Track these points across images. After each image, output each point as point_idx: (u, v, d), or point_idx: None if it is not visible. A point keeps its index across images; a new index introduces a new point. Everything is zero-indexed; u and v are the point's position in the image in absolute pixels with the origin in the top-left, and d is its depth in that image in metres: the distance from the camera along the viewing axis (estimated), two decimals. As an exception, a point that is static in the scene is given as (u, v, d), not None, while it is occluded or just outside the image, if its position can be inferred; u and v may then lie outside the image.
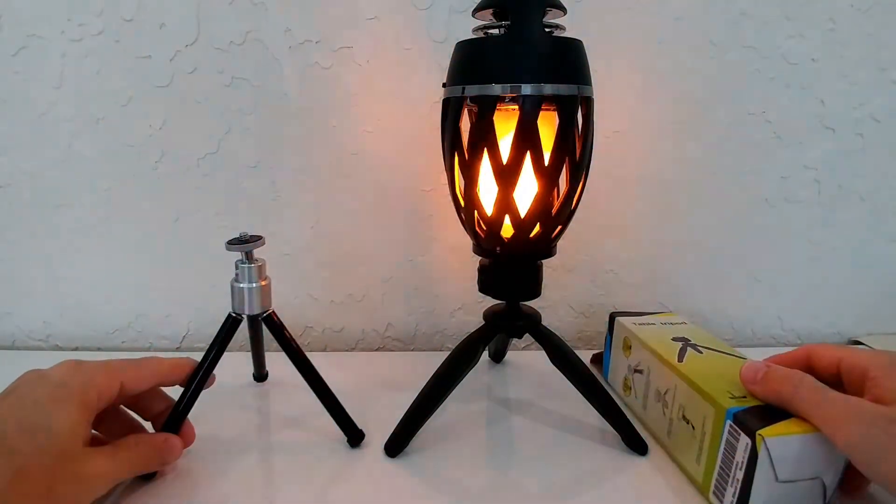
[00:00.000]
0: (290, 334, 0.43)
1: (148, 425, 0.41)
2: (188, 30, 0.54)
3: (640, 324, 0.50)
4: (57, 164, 0.57)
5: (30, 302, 0.61)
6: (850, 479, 0.36)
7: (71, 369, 0.36)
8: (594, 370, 0.55)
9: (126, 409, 0.40)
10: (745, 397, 0.37)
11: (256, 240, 0.41)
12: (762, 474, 0.33)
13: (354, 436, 0.43)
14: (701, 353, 0.44)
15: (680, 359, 0.43)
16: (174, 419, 0.40)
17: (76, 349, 0.62)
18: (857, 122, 0.59)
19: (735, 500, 0.35)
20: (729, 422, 0.36)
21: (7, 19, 0.53)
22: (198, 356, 0.41)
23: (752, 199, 0.61)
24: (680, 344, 0.45)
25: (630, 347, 0.49)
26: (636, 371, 0.48)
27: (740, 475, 0.34)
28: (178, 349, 0.63)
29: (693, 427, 0.39)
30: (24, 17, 0.53)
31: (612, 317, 0.53)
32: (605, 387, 0.45)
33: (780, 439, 0.33)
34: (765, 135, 0.59)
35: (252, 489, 0.39)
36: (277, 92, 0.56)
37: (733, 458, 0.35)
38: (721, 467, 0.36)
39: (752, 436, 0.34)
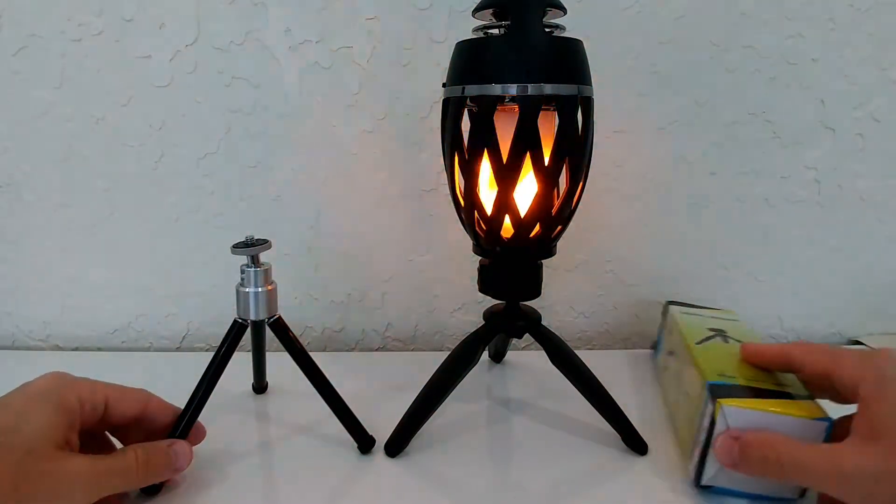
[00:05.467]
0: (299, 342, 0.42)
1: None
2: (188, 30, 0.54)
3: (686, 313, 0.53)
4: (57, 164, 0.57)
5: (30, 302, 0.61)
6: None
7: (52, 376, 0.35)
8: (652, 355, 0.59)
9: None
10: (734, 377, 0.39)
11: (262, 243, 0.40)
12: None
13: (365, 442, 0.42)
14: (727, 342, 0.46)
15: (699, 342, 0.46)
16: (178, 429, 0.38)
17: (76, 349, 0.62)
18: (857, 122, 0.59)
19: (697, 461, 0.38)
20: (706, 392, 0.38)
21: (7, 19, 0.53)
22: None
23: (752, 199, 0.61)
24: (712, 333, 0.47)
25: (671, 332, 0.52)
26: (669, 353, 0.51)
27: (702, 438, 0.37)
28: (178, 349, 0.63)
29: (690, 400, 0.42)
30: (24, 17, 0.53)
31: (667, 305, 0.55)
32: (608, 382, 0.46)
33: (737, 409, 0.36)
34: (765, 135, 0.59)
35: (255, 497, 0.39)
36: (277, 92, 0.56)
37: (703, 423, 0.38)
38: (696, 433, 0.39)
39: (714, 403, 0.37)
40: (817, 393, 0.37)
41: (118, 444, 0.39)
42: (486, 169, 0.39)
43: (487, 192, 0.40)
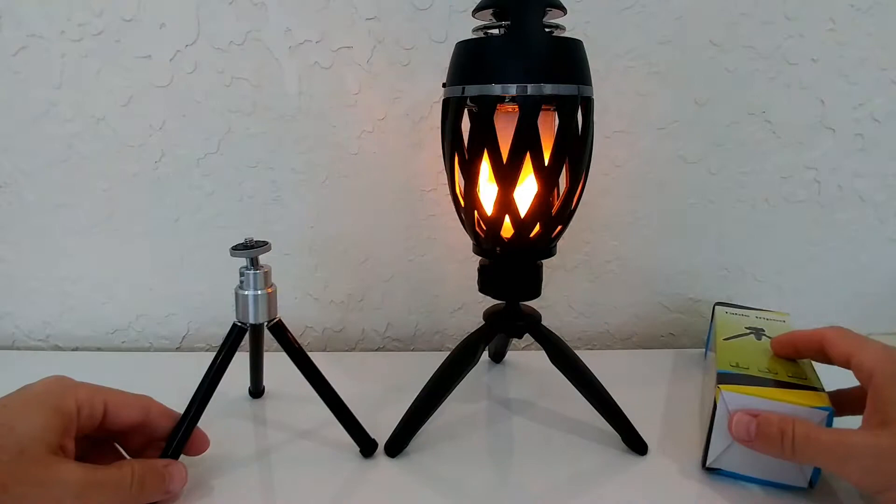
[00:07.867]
0: (299, 345, 0.41)
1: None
2: (188, 30, 0.54)
3: (729, 312, 0.54)
4: (57, 164, 0.57)
5: (30, 302, 0.61)
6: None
7: (53, 380, 0.35)
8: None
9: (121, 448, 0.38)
10: (747, 368, 0.41)
11: (262, 245, 0.40)
12: (720, 420, 0.39)
13: (367, 446, 0.42)
14: (759, 339, 0.47)
15: (728, 338, 0.47)
16: (175, 440, 0.38)
17: (76, 349, 0.62)
18: (857, 122, 0.59)
19: (704, 442, 0.40)
20: (716, 380, 0.40)
21: (7, 19, 0.53)
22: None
23: (752, 199, 0.61)
24: (747, 331, 0.48)
25: (713, 331, 0.53)
26: (711, 352, 0.52)
27: (707, 421, 0.40)
28: (178, 349, 0.63)
29: (710, 393, 0.43)
30: (24, 17, 0.53)
31: (715, 306, 0.56)
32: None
33: (736, 395, 0.38)
34: (765, 135, 0.59)
35: (255, 501, 0.39)
36: (277, 92, 0.56)
37: (711, 409, 0.40)
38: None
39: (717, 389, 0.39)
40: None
41: (126, 455, 0.38)
42: (486, 169, 0.39)
43: (487, 193, 0.40)
